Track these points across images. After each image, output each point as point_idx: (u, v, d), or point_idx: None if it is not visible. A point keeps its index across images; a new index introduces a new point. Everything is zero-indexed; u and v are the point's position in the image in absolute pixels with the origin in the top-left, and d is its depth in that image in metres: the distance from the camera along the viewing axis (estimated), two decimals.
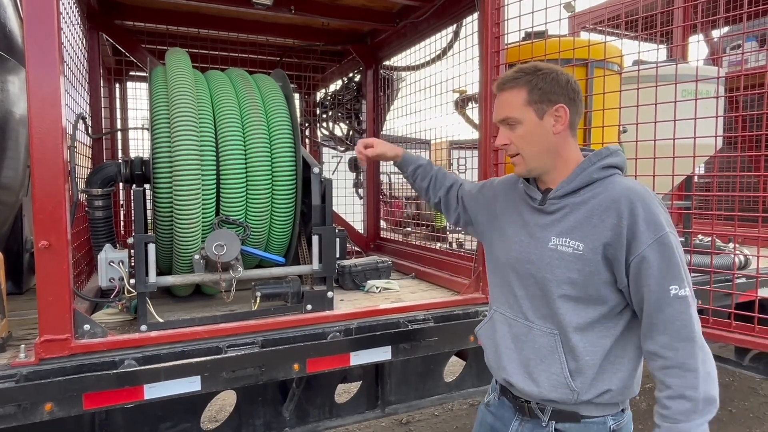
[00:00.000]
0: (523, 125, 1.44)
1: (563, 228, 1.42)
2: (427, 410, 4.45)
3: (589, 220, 1.38)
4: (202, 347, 2.01)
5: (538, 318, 1.46)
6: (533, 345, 1.46)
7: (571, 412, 1.43)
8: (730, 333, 1.91)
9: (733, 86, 4.41)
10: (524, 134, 1.44)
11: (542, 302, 1.45)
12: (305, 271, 2.43)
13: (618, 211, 1.34)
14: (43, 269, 1.73)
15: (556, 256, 1.41)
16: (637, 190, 1.36)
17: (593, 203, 1.39)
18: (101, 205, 2.39)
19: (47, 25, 1.72)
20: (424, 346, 2.39)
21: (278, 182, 2.41)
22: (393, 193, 4.84)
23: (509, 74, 1.48)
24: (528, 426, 1.50)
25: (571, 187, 1.43)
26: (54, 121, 1.73)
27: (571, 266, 1.38)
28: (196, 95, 2.28)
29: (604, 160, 1.42)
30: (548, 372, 1.42)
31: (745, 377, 5.07)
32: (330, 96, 4.57)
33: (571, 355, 1.40)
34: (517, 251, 1.52)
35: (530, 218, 1.52)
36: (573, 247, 1.39)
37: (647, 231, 1.30)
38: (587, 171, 1.42)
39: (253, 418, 2.53)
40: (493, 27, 2.52)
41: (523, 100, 1.43)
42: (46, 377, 1.75)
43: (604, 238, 1.35)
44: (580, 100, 1.45)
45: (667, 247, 1.30)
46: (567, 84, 1.43)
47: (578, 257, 1.38)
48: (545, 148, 1.44)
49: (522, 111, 1.43)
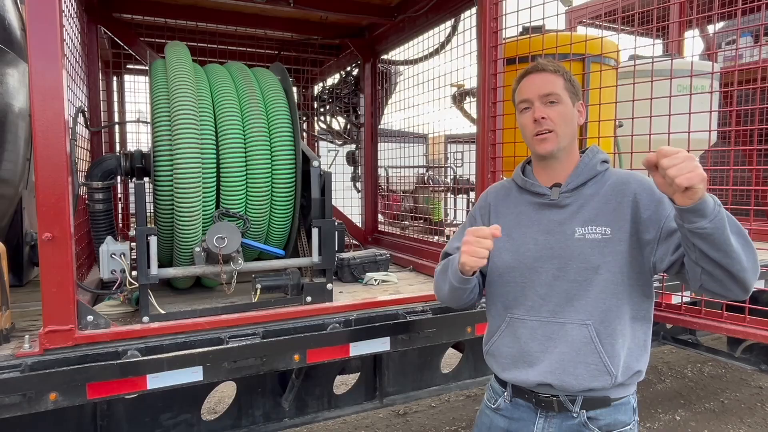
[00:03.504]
0: (563, 105, 1.51)
1: (585, 217, 1.48)
2: (424, 401, 4.50)
3: (607, 205, 1.47)
4: (203, 338, 2.03)
5: (568, 312, 1.46)
6: (567, 339, 1.46)
7: (602, 397, 1.47)
8: (722, 323, 1.95)
9: (728, 81, 4.45)
10: (563, 112, 1.51)
11: (574, 294, 1.46)
12: (305, 264, 2.46)
13: (631, 189, 1.46)
14: (47, 261, 1.75)
15: (587, 245, 1.46)
16: (634, 173, 1.53)
17: (605, 191, 1.49)
18: (102, 197, 2.40)
19: (49, 19, 1.72)
20: (422, 337, 2.42)
21: (278, 175, 2.42)
22: (391, 186, 4.86)
23: (546, 61, 1.58)
24: (555, 421, 1.51)
25: (580, 180, 1.52)
26: (56, 114, 1.75)
27: (604, 250, 1.44)
28: (196, 88, 2.29)
29: (599, 156, 1.56)
30: (585, 363, 1.44)
31: (736, 368, 5.14)
32: (328, 90, 4.57)
33: (609, 341, 1.43)
34: (534, 251, 1.52)
35: (540, 216, 1.54)
36: (601, 233, 1.45)
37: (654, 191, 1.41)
38: (590, 165, 1.53)
39: (252, 409, 2.56)
40: (491, 21, 2.53)
41: (562, 84, 1.52)
42: (51, 367, 1.77)
43: (627, 215, 1.44)
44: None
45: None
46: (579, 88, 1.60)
47: (608, 241, 1.44)
48: (573, 131, 1.55)
49: (563, 92, 1.52)
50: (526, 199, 1.59)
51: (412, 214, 4.34)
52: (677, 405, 4.54)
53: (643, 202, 1.44)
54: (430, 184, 4.58)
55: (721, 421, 4.24)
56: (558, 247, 1.49)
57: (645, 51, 5.65)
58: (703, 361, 5.48)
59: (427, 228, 4.05)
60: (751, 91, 4.72)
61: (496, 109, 2.57)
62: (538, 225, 1.54)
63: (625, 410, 1.49)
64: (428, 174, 4.70)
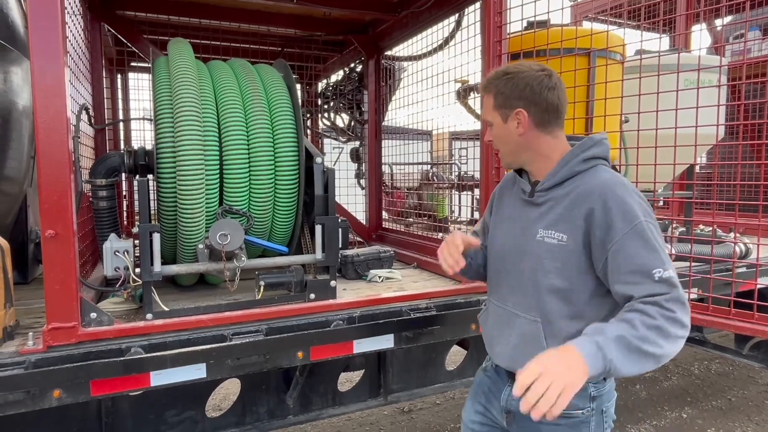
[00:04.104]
0: (495, 127, 1.56)
1: (549, 221, 1.50)
2: (429, 398, 4.50)
3: (570, 212, 1.46)
4: (207, 335, 2.03)
5: (524, 307, 1.55)
6: (519, 332, 1.56)
7: None
8: (729, 320, 1.93)
9: (736, 75, 4.40)
10: (496, 135, 1.57)
11: (529, 292, 1.53)
12: (308, 261, 2.45)
13: (591, 204, 1.41)
14: (50, 258, 1.75)
15: (544, 248, 1.50)
16: (611, 183, 1.43)
17: (573, 196, 1.47)
18: (105, 195, 2.40)
19: (51, 16, 1.72)
20: (427, 334, 2.41)
21: (281, 172, 2.42)
22: (395, 183, 4.85)
23: (486, 79, 1.60)
24: None
25: (554, 181, 1.51)
26: (59, 111, 1.75)
27: (557, 256, 1.47)
28: (199, 85, 2.28)
29: (586, 152, 1.49)
30: (531, 355, 1.43)
31: (744, 366, 5.10)
32: (331, 86, 4.56)
33: (553, 340, 1.48)
34: (510, 244, 1.62)
35: (523, 212, 1.60)
36: (557, 239, 1.47)
37: (622, 221, 1.36)
38: (569, 164, 1.49)
39: (257, 406, 2.56)
40: (496, 16, 2.51)
41: (492, 104, 1.55)
42: (55, 364, 1.78)
43: (581, 228, 1.43)
44: (544, 98, 1.49)
45: (642, 234, 1.35)
46: (526, 87, 1.48)
47: (562, 248, 1.46)
48: (513, 148, 1.56)
49: (492, 114, 1.56)
50: (518, 192, 1.64)
51: (417, 211, 4.32)
52: (684, 402, 4.51)
53: (597, 221, 1.40)
54: (435, 181, 4.56)
55: (729, 418, 4.21)
56: (525, 245, 1.56)
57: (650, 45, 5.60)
58: (711, 358, 5.44)
59: (431, 225, 4.03)
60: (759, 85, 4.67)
61: None
62: (519, 220, 1.61)
63: (581, 397, 1.50)
64: (432, 171, 4.69)
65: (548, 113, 1.51)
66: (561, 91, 1.52)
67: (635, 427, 4.07)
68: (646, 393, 4.70)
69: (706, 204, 4.65)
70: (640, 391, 4.75)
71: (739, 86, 4.12)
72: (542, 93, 1.48)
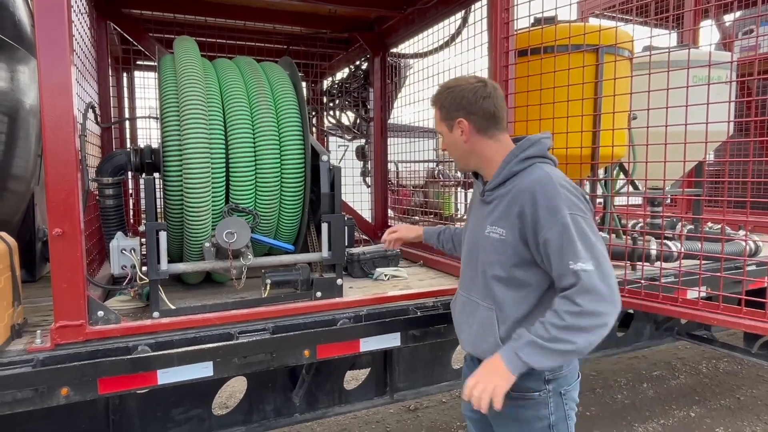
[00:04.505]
0: (444, 137, 1.76)
1: (494, 217, 1.67)
2: (435, 397, 4.49)
3: (509, 210, 1.62)
4: (213, 333, 2.03)
5: (480, 296, 1.72)
6: (478, 319, 1.72)
7: None
8: (740, 319, 1.90)
9: (745, 72, 4.35)
10: (446, 144, 1.77)
11: (483, 282, 1.70)
12: (314, 259, 2.45)
13: (523, 202, 1.57)
14: (57, 256, 1.76)
15: (489, 242, 1.67)
16: (540, 180, 1.57)
17: (511, 194, 1.62)
18: (112, 193, 2.41)
19: (58, 14, 1.72)
20: (433, 332, 2.40)
21: (287, 170, 2.41)
22: (400, 181, 4.83)
23: (433, 94, 1.79)
24: None
25: (497, 181, 1.67)
26: (65, 110, 1.75)
27: (499, 250, 1.64)
28: (205, 83, 2.28)
29: (524, 152, 1.64)
30: (488, 341, 1.68)
31: (753, 365, 5.06)
32: (337, 84, 4.55)
33: (504, 326, 1.65)
34: (470, 239, 1.80)
35: (479, 210, 1.78)
36: (499, 234, 1.64)
37: (547, 216, 1.51)
38: (509, 165, 1.65)
39: (263, 404, 2.56)
40: (503, 12, 2.49)
41: (438, 117, 1.76)
42: (62, 362, 1.79)
43: (517, 225, 1.59)
44: (480, 107, 1.66)
45: (564, 228, 1.49)
46: (463, 98, 1.67)
47: (503, 242, 1.63)
48: (462, 154, 1.75)
49: (440, 126, 1.76)
50: (477, 192, 1.83)
51: (423, 208, 4.31)
52: (692, 401, 4.48)
53: (528, 218, 1.55)
54: (440, 179, 4.54)
55: (737, 418, 4.18)
56: (478, 239, 1.73)
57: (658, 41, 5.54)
58: (718, 357, 5.39)
59: (437, 223, 4.02)
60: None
61: (507, 102, 2.53)
62: (476, 217, 1.79)
63: (536, 379, 1.65)
64: (438, 168, 4.67)
65: (486, 120, 1.67)
66: (497, 98, 1.67)
67: (642, 425, 4.04)
68: (654, 392, 4.67)
69: (713, 201, 4.60)
70: (648, 389, 4.72)
71: (748, 83, 4.08)
72: (478, 102, 1.66)
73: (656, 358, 5.47)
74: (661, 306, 2.14)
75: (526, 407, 1.68)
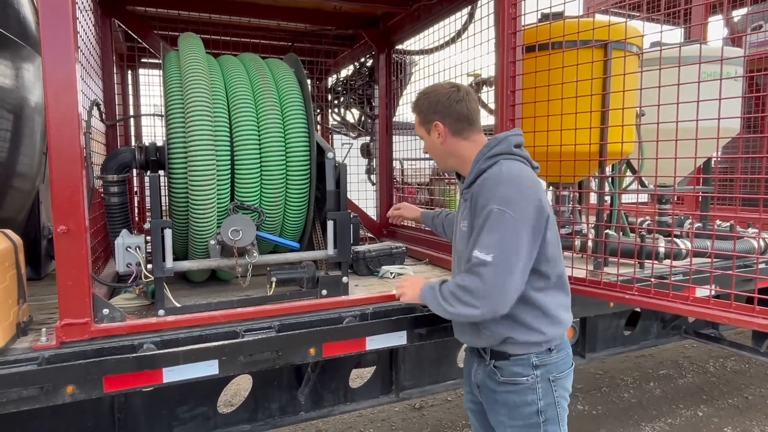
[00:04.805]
0: (424, 140, 1.92)
1: (465, 213, 1.80)
2: (440, 395, 4.48)
3: (474, 204, 1.73)
4: (219, 331, 2.02)
5: None
6: None
7: (502, 352, 1.80)
8: (753, 318, 1.87)
9: (754, 67, 4.31)
10: (427, 146, 1.93)
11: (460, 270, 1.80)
12: (320, 257, 2.43)
13: (476, 192, 1.72)
14: (62, 254, 1.75)
15: (460, 236, 1.84)
16: (493, 175, 1.70)
17: (477, 190, 1.73)
18: (117, 191, 2.39)
19: (62, 11, 1.71)
20: (440, 330, 2.38)
21: (292, 167, 2.40)
22: (406, 179, 4.81)
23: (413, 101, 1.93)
24: (481, 366, 1.90)
25: (470, 179, 1.79)
26: (70, 107, 1.74)
27: (467, 242, 1.77)
28: (209, 81, 2.27)
29: (491, 151, 1.75)
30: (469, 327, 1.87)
31: (761, 364, 5.02)
32: (342, 81, 4.53)
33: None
34: (455, 234, 1.94)
35: (461, 206, 1.89)
36: (467, 227, 1.78)
37: (482, 206, 1.67)
38: (478, 164, 1.76)
39: (268, 402, 2.56)
40: (510, 7, 2.46)
41: (417, 121, 1.91)
42: (68, 360, 1.78)
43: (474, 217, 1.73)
44: (454, 110, 1.79)
45: (486, 218, 1.64)
46: (438, 103, 1.81)
47: (465, 234, 1.78)
48: (440, 155, 1.91)
49: (420, 130, 1.92)
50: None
51: (428, 206, 4.29)
52: (699, 401, 4.45)
53: (477, 208, 1.70)
54: (446, 176, 4.52)
55: (745, 417, 4.14)
56: (457, 233, 1.89)
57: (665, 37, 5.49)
58: (726, 356, 5.36)
59: None
60: None
61: (515, 98, 2.51)
62: (458, 213, 1.94)
63: (524, 365, 1.76)
64: None
65: (460, 122, 1.80)
66: (469, 102, 1.80)
67: (650, 425, 4.02)
68: (661, 391, 4.64)
69: (723, 199, 4.56)
70: (654, 388, 4.70)
71: (757, 78, 4.03)
72: (451, 105, 1.79)
73: (663, 357, 5.44)
74: (672, 304, 2.12)
75: (515, 392, 1.78)
